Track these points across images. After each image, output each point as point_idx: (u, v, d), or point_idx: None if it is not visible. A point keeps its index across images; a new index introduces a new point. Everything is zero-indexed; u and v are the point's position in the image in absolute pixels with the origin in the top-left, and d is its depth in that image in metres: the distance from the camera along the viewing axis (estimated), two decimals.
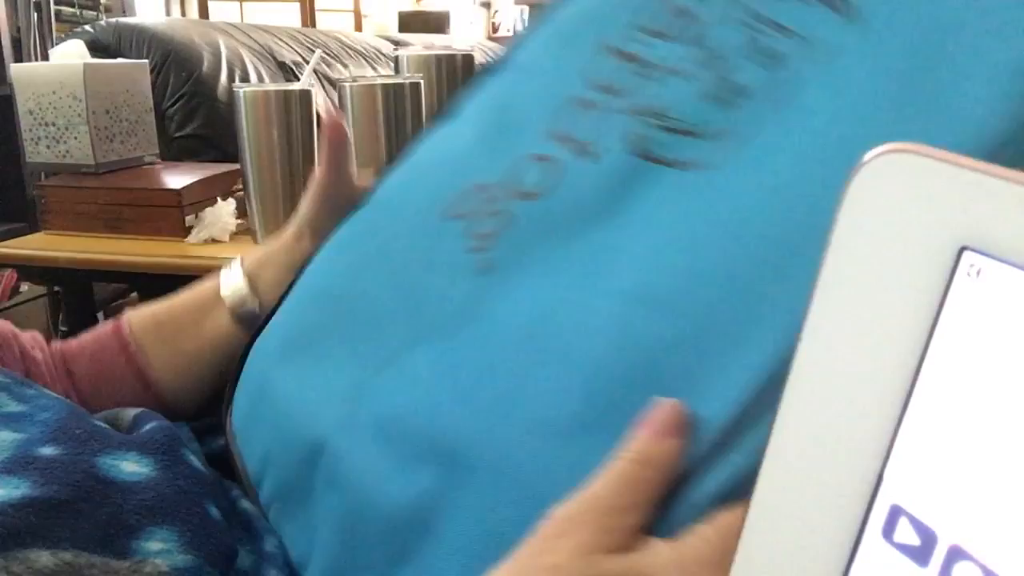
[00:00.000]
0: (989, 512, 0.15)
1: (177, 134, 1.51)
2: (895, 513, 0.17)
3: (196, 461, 0.44)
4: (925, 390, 0.17)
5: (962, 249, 0.16)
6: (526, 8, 3.88)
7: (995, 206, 0.16)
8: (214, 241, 1.07)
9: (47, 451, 0.40)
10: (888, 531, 0.17)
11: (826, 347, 0.19)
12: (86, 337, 0.57)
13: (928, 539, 0.16)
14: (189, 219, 1.09)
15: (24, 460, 0.39)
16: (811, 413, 0.19)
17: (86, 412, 0.45)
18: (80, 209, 1.12)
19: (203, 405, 0.59)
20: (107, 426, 0.47)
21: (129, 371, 0.56)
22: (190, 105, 1.53)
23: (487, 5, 5.45)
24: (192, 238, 1.07)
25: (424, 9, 5.18)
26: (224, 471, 0.48)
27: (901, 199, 0.17)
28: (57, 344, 0.57)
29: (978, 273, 0.16)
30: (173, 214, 1.08)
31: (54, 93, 1.17)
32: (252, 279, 0.58)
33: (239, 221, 1.10)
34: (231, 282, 0.58)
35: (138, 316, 0.58)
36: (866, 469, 0.17)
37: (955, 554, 0.16)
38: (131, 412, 0.49)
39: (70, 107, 1.17)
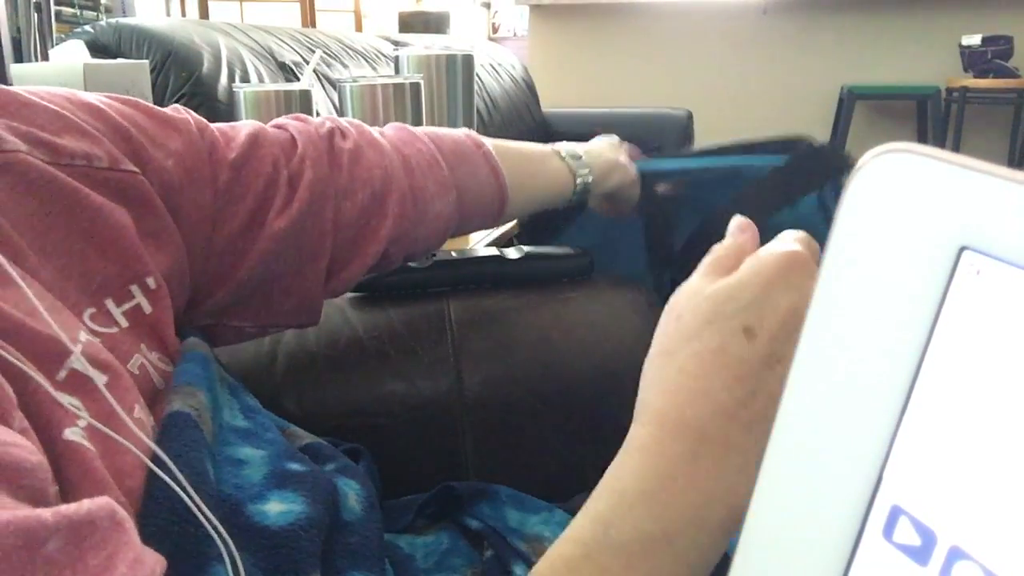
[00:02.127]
0: (989, 512, 0.15)
1: None
2: (895, 513, 0.17)
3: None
4: (925, 390, 0.17)
5: (962, 249, 0.16)
6: (526, 8, 3.88)
7: (995, 206, 0.16)
8: None
9: (295, 467, 0.42)
10: (888, 531, 0.17)
11: (826, 347, 0.19)
12: (436, 128, 0.65)
13: (928, 539, 0.16)
14: None
15: (283, 474, 0.41)
16: (811, 413, 0.19)
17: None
18: None
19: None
20: (323, 441, 0.52)
21: (484, 161, 0.63)
22: (190, 105, 1.52)
23: (487, 5, 5.45)
24: None
25: (424, 9, 5.18)
26: None
27: (901, 199, 0.17)
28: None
29: (978, 273, 0.16)
30: None
31: None
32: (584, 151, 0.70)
33: None
34: (568, 147, 0.70)
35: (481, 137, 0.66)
36: (866, 469, 0.17)
37: (955, 554, 0.16)
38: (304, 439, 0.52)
39: None
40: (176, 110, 0.50)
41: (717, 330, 0.32)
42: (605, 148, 0.73)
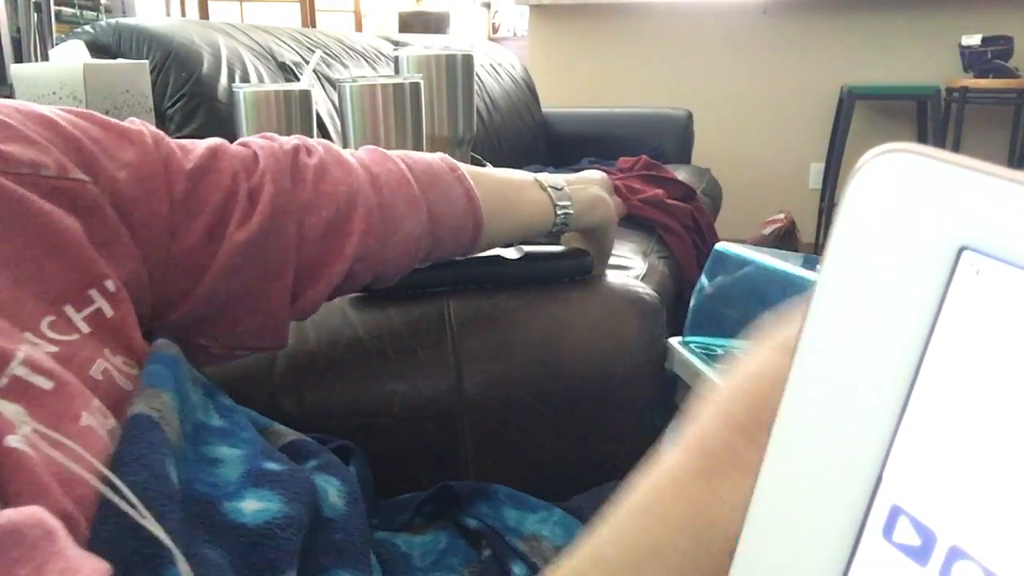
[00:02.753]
0: (989, 512, 0.15)
1: (177, 134, 1.52)
2: (895, 513, 0.17)
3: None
4: (925, 390, 0.17)
5: (962, 249, 0.16)
6: (526, 8, 3.88)
7: (995, 206, 0.16)
8: None
9: (272, 466, 0.42)
10: (888, 531, 0.17)
11: (826, 347, 0.19)
12: (410, 152, 0.62)
13: (928, 539, 0.16)
14: None
15: (260, 473, 0.41)
16: (811, 413, 0.19)
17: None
18: None
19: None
20: (307, 438, 0.51)
21: (458, 184, 0.61)
22: (190, 105, 1.52)
23: (487, 5, 5.45)
24: None
25: (424, 9, 5.18)
26: None
27: (901, 199, 0.17)
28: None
29: (978, 273, 0.16)
30: None
31: (54, 93, 1.17)
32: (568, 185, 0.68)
33: None
34: (546, 176, 0.68)
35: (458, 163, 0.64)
36: (866, 469, 0.17)
37: (955, 554, 0.16)
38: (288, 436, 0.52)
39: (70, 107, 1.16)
40: (132, 122, 0.49)
41: None
42: (591, 182, 0.72)
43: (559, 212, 0.67)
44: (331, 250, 0.54)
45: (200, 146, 0.52)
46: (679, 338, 0.67)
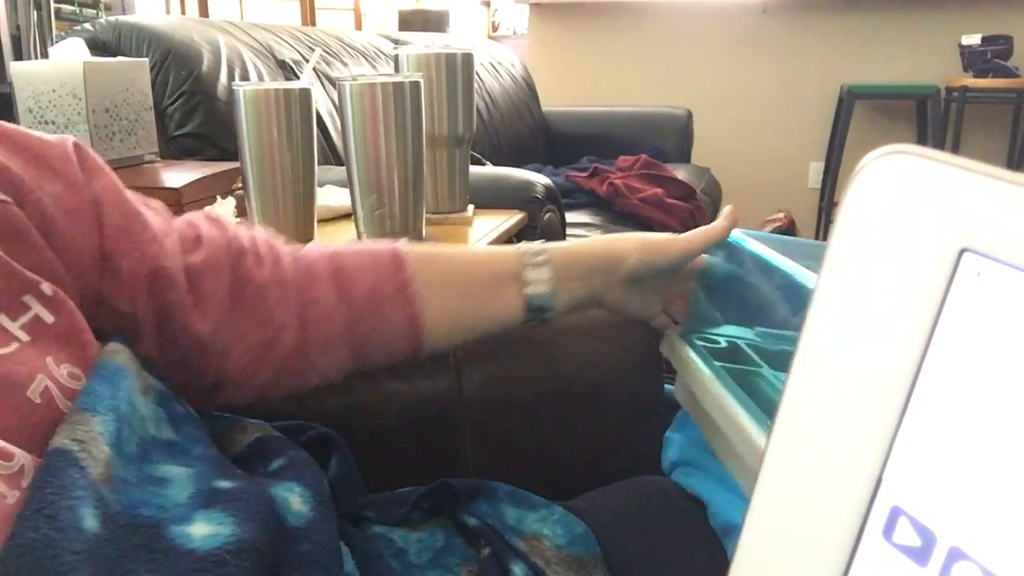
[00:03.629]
0: (989, 512, 0.15)
1: (177, 132, 1.52)
2: (895, 514, 0.17)
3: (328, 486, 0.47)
4: (925, 391, 0.17)
5: (962, 251, 0.16)
6: (526, 6, 3.88)
7: (995, 209, 0.16)
8: None
9: (225, 484, 0.40)
10: (888, 531, 0.17)
11: (826, 348, 0.19)
12: (362, 257, 0.56)
13: (928, 539, 0.16)
14: None
15: (211, 494, 0.39)
16: (811, 414, 0.19)
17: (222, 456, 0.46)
18: None
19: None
20: (277, 433, 0.50)
21: (402, 309, 0.55)
22: (190, 104, 1.52)
23: (487, 3, 5.45)
24: None
25: (424, 8, 5.17)
26: None
27: (901, 201, 0.17)
28: (326, 252, 0.56)
29: (978, 275, 0.16)
30: (173, 213, 1.08)
31: (54, 91, 1.17)
32: (557, 280, 0.59)
33: (239, 219, 1.10)
34: (537, 276, 0.58)
35: (425, 260, 0.57)
36: (866, 469, 0.18)
37: (955, 555, 0.16)
38: (253, 434, 0.51)
39: (70, 105, 1.17)
40: (62, 140, 0.46)
41: None
42: (616, 260, 0.60)
43: (530, 316, 0.59)
44: (245, 377, 0.52)
45: (140, 204, 0.50)
46: (678, 327, 0.66)
